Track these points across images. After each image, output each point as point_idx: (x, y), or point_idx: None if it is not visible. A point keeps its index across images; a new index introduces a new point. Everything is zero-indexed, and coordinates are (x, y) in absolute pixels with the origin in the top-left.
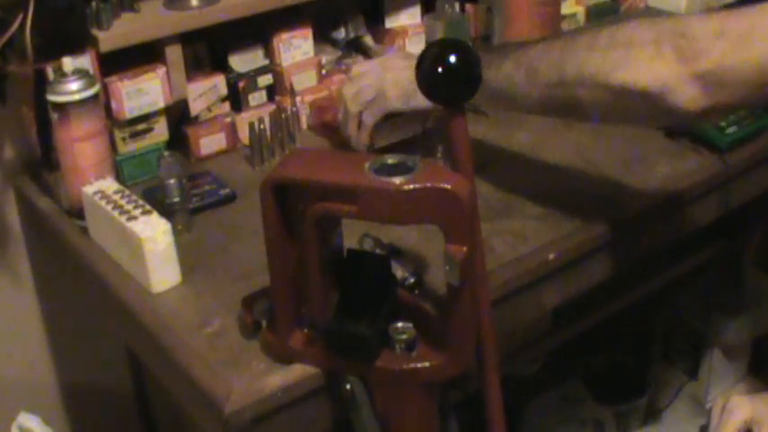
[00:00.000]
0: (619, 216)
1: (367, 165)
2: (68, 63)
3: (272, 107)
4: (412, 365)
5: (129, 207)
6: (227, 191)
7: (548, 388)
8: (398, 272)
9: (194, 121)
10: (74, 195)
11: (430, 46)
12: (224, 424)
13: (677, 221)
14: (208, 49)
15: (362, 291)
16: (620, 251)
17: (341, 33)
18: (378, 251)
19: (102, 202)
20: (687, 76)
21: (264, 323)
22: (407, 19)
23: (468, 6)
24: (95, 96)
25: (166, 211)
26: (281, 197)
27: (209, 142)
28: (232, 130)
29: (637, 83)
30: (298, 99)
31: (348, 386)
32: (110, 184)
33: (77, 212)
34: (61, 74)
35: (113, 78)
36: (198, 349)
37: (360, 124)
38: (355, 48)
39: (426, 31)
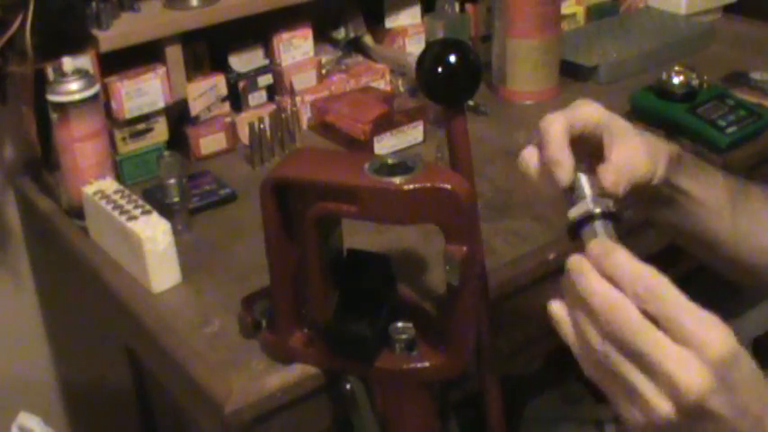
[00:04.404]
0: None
1: (367, 165)
2: (68, 63)
3: (272, 107)
4: (412, 365)
5: (129, 207)
6: (227, 191)
7: (548, 388)
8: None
9: (194, 121)
10: (74, 195)
11: (430, 46)
12: (224, 424)
13: None
14: (208, 49)
15: (362, 291)
16: None
17: (341, 33)
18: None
19: (102, 202)
20: None
21: (264, 323)
22: (407, 19)
23: (468, 6)
24: (95, 96)
25: (166, 211)
26: (281, 197)
27: (209, 142)
28: (232, 130)
29: None
30: (298, 99)
31: (348, 386)
32: (110, 184)
33: (77, 212)
34: (61, 74)
35: (113, 78)
36: (198, 349)
37: None
38: (355, 48)
39: (426, 30)
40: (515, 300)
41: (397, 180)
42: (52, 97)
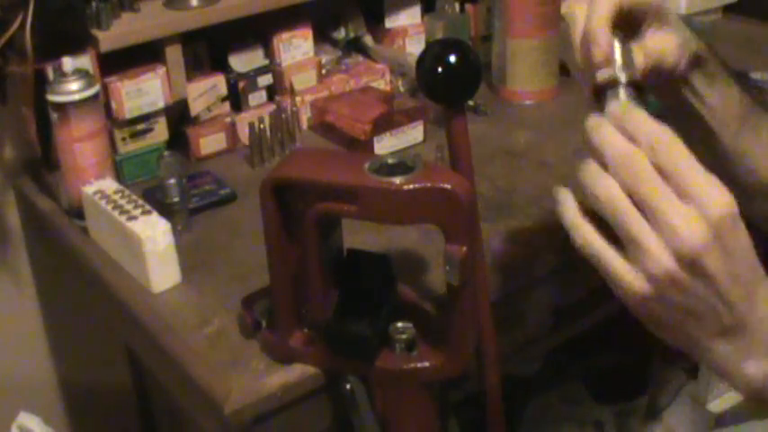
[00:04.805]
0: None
1: (367, 165)
2: (68, 63)
3: (272, 107)
4: (412, 365)
5: (129, 207)
6: (227, 191)
7: (548, 388)
8: None
9: (194, 121)
10: (74, 195)
11: (430, 45)
12: (224, 424)
13: None
14: (208, 49)
15: (362, 290)
16: None
17: (341, 33)
18: None
19: (102, 202)
20: None
21: (264, 323)
22: (407, 19)
23: (468, 6)
24: (95, 96)
25: (166, 211)
26: (281, 197)
27: (209, 142)
28: (232, 130)
29: None
30: (298, 99)
31: (348, 386)
32: (110, 184)
33: (77, 212)
34: (61, 74)
35: (113, 78)
36: (198, 349)
37: None
38: (355, 48)
39: (426, 30)
40: (515, 300)
41: (397, 180)
42: (52, 97)
